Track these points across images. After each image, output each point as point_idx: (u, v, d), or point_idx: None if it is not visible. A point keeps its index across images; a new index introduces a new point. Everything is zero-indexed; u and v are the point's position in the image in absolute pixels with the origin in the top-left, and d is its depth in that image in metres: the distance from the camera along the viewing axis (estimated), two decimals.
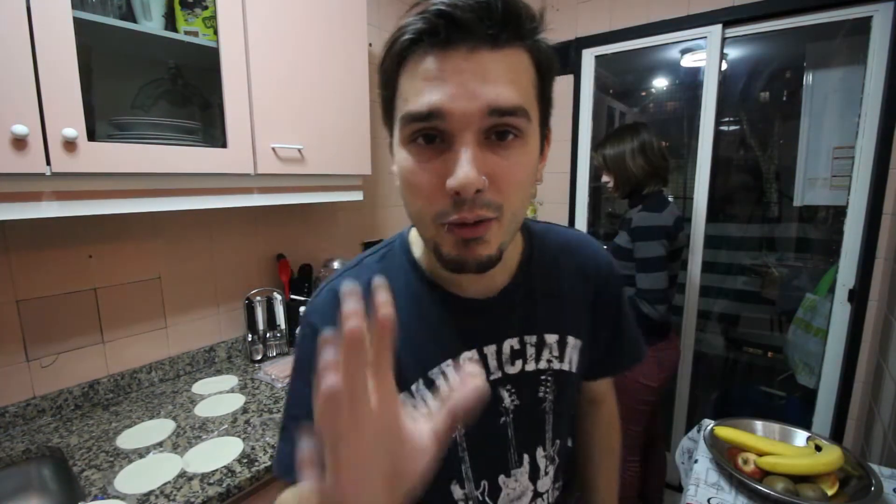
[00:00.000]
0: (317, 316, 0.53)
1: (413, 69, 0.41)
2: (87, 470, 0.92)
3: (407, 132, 0.42)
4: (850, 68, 1.80)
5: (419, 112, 0.40)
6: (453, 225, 0.42)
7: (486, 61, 0.39)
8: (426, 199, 0.42)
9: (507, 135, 0.41)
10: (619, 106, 2.69)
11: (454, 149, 0.40)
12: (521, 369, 0.55)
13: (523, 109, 0.41)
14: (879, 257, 1.58)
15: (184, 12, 1.06)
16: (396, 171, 0.46)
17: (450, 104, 0.39)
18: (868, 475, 0.90)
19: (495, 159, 0.41)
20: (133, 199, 0.98)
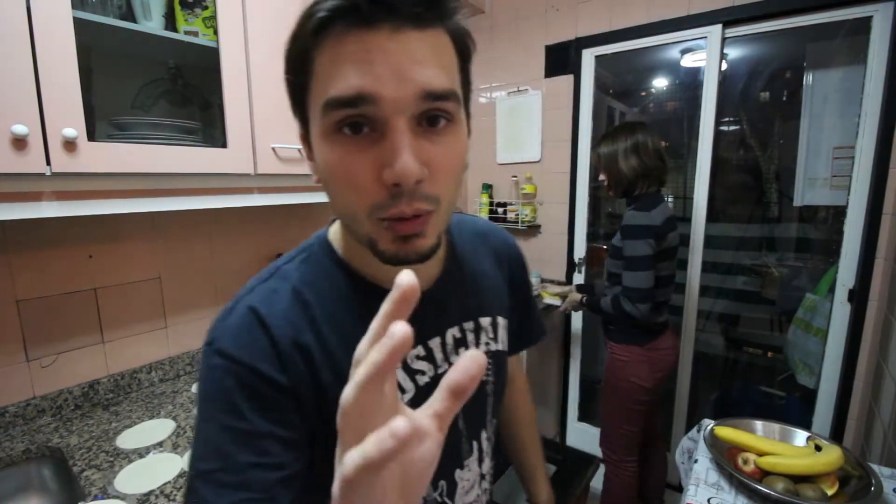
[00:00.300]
0: (231, 341, 0.43)
1: (332, 50, 0.37)
2: (87, 470, 0.92)
3: (331, 121, 0.37)
4: (850, 68, 1.80)
5: (346, 96, 0.36)
6: (391, 220, 0.39)
7: (413, 42, 0.36)
8: (359, 192, 0.38)
9: (438, 120, 0.38)
10: (619, 106, 2.69)
11: (387, 137, 0.36)
12: None
13: (455, 93, 0.39)
14: (879, 257, 1.58)
15: (184, 12, 1.06)
16: (319, 166, 0.42)
17: (380, 88, 0.35)
18: (868, 475, 0.90)
19: (430, 147, 0.38)
20: (133, 199, 0.98)
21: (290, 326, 0.44)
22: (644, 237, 1.45)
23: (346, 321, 0.46)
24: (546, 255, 2.35)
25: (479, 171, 2.51)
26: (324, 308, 0.46)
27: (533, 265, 2.39)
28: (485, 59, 2.40)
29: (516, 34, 2.27)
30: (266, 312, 0.44)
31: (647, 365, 1.57)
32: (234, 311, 0.46)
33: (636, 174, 1.55)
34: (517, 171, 2.35)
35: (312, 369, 0.44)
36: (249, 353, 0.42)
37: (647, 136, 1.57)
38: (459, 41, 0.41)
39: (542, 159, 2.27)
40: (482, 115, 2.46)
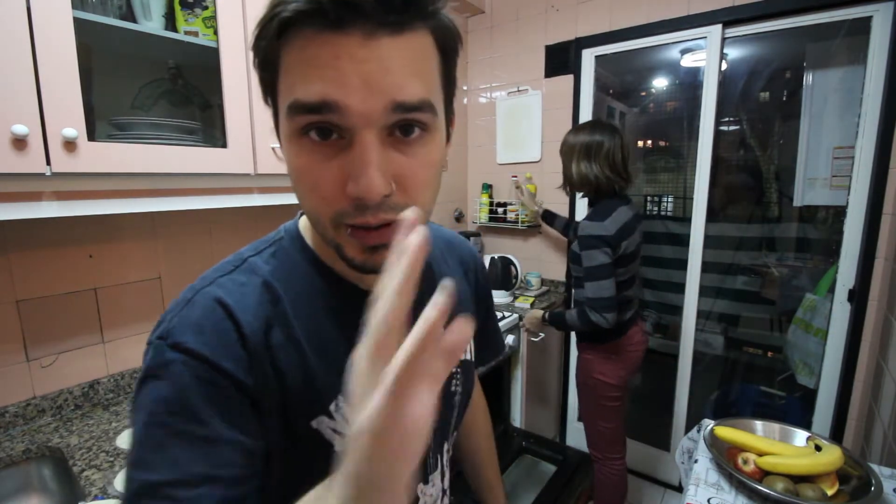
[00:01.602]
0: (192, 335, 0.39)
1: (299, 50, 0.34)
2: (87, 470, 0.92)
3: (296, 125, 0.35)
4: (850, 68, 1.80)
5: (309, 102, 0.34)
6: (356, 229, 0.37)
7: (387, 49, 0.33)
8: (323, 199, 0.37)
9: (411, 130, 0.36)
10: (619, 106, 2.69)
11: (354, 147, 0.35)
12: None
13: (429, 103, 0.36)
14: (879, 257, 1.58)
15: (184, 12, 1.06)
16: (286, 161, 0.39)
17: (346, 98, 0.33)
18: (868, 475, 0.90)
19: (401, 159, 0.36)
20: (133, 199, 0.98)
21: (261, 323, 0.40)
22: (598, 247, 1.44)
23: (320, 319, 0.44)
24: (546, 255, 2.35)
25: (479, 171, 2.51)
26: (296, 304, 0.43)
27: (533, 265, 2.39)
28: (485, 59, 2.40)
29: (516, 34, 2.28)
30: (235, 306, 0.40)
31: (611, 363, 1.58)
32: (194, 303, 0.42)
33: (582, 179, 1.52)
34: (517, 171, 2.35)
35: (279, 371, 0.40)
36: (213, 348, 0.38)
37: (612, 139, 1.50)
38: (443, 40, 0.38)
39: (542, 159, 2.28)
40: (482, 115, 2.46)
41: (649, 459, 2.25)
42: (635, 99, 2.78)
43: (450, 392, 0.54)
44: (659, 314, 2.70)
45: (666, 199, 2.80)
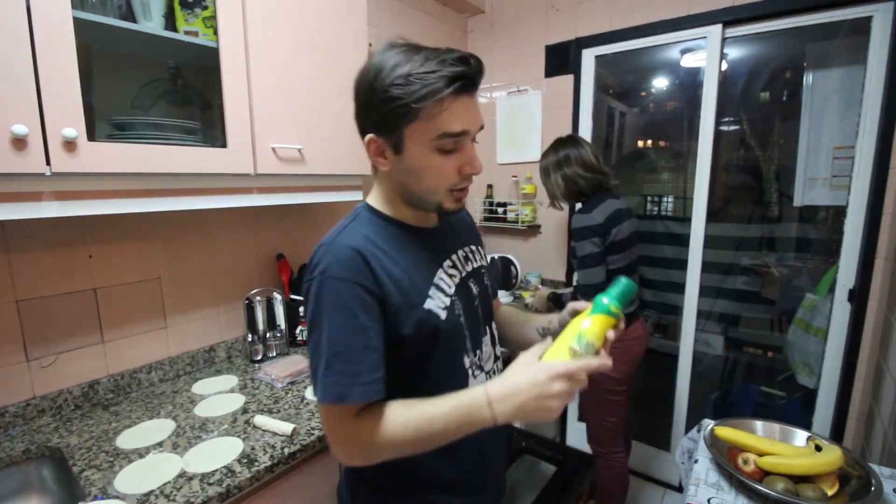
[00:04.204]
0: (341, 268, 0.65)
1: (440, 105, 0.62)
2: (87, 470, 0.92)
3: (441, 143, 0.65)
4: (850, 68, 1.80)
5: (455, 132, 0.65)
6: (457, 191, 0.71)
7: (476, 100, 0.68)
8: (446, 179, 0.68)
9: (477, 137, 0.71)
10: (619, 106, 2.69)
11: (464, 150, 0.68)
12: (473, 268, 0.82)
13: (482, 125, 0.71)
14: (879, 257, 1.58)
15: (184, 12, 1.06)
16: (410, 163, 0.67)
17: (469, 127, 0.67)
18: (868, 475, 0.90)
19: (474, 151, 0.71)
20: (133, 199, 0.98)
21: (374, 257, 0.68)
22: (587, 237, 1.56)
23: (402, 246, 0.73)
24: (546, 255, 2.35)
25: None
26: (386, 242, 0.71)
27: (533, 265, 2.39)
28: (485, 59, 2.38)
29: (516, 34, 2.28)
30: (361, 248, 0.67)
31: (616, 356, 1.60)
32: (335, 248, 0.67)
33: (566, 189, 1.67)
34: (517, 171, 2.35)
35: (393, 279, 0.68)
36: (356, 274, 0.65)
37: (576, 149, 1.66)
38: None
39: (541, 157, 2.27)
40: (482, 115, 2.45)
41: (649, 459, 2.25)
42: (635, 99, 2.78)
43: (485, 285, 0.85)
44: (659, 314, 2.70)
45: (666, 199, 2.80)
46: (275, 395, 1.25)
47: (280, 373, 1.34)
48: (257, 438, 1.03)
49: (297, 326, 1.58)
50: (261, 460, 0.96)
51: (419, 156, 0.66)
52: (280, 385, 1.30)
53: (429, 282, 0.72)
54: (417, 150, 0.66)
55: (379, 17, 1.84)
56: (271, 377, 1.33)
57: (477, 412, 0.61)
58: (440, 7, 2.22)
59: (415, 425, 0.62)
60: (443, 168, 0.67)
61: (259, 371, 1.39)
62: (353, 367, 0.63)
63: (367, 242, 0.68)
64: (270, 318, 1.51)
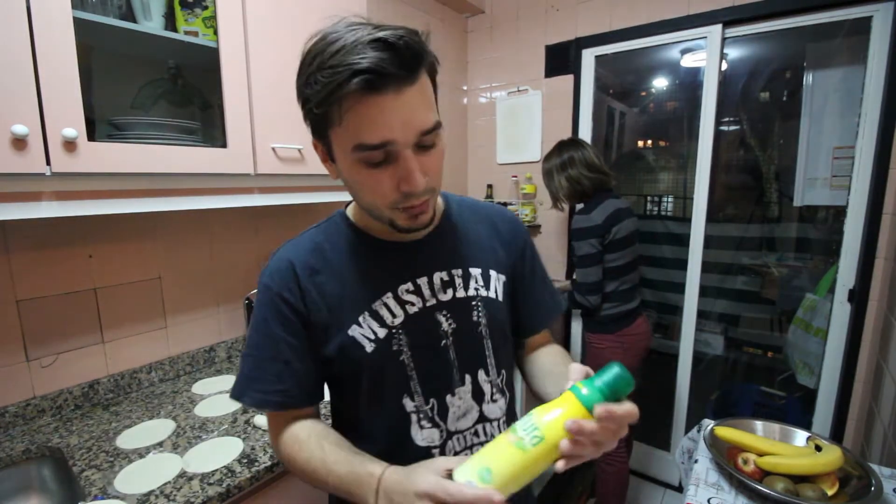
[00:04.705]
0: (269, 277, 0.65)
1: (354, 110, 0.50)
2: (87, 470, 0.92)
3: (359, 156, 0.53)
4: (850, 68, 1.80)
5: (371, 143, 0.51)
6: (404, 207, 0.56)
7: (410, 96, 0.51)
8: (382, 196, 0.55)
9: (430, 141, 0.55)
10: (619, 106, 2.69)
11: (400, 162, 0.53)
12: (452, 297, 0.67)
13: (438, 123, 0.55)
14: (879, 257, 1.58)
15: (184, 12, 1.06)
16: (344, 176, 0.58)
17: (394, 135, 0.51)
18: (868, 475, 0.90)
19: (426, 159, 0.55)
20: (133, 199, 0.98)
21: (308, 270, 0.64)
22: (586, 238, 1.62)
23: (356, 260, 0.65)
24: (546, 254, 2.35)
25: (479, 171, 2.51)
26: (337, 253, 0.66)
27: None
28: (485, 60, 2.40)
29: (516, 34, 2.28)
30: (296, 260, 0.65)
31: (621, 351, 1.67)
32: (277, 256, 0.67)
33: (570, 190, 1.71)
34: (517, 171, 2.35)
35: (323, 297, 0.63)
36: (280, 286, 0.64)
37: (579, 151, 1.71)
38: (431, 70, 0.55)
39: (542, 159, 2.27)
40: (482, 115, 2.46)
41: (649, 459, 2.25)
42: (635, 99, 2.78)
43: (472, 322, 0.67)
44: (659, 314, 2.70)
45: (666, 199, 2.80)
46: None
47: None
48: (257, 438, 1.03)
49: None
50: (261, 460, 0.96)
51: (347, 167, 0.56)
52: None
53: (366, 305, 0.63)
54: (344, 161, 0.55)
55: (379, 17, 1.84)
56: None
57: (364, 495, 0.54)
58: (440, 7, 2.22)
59: (312, 467, 0.60)
60: (374, 184, 0.54)
61: None
62: (254, 373, 0.64)
63: (310, 254, 0.65)
64: None
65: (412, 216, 0.57)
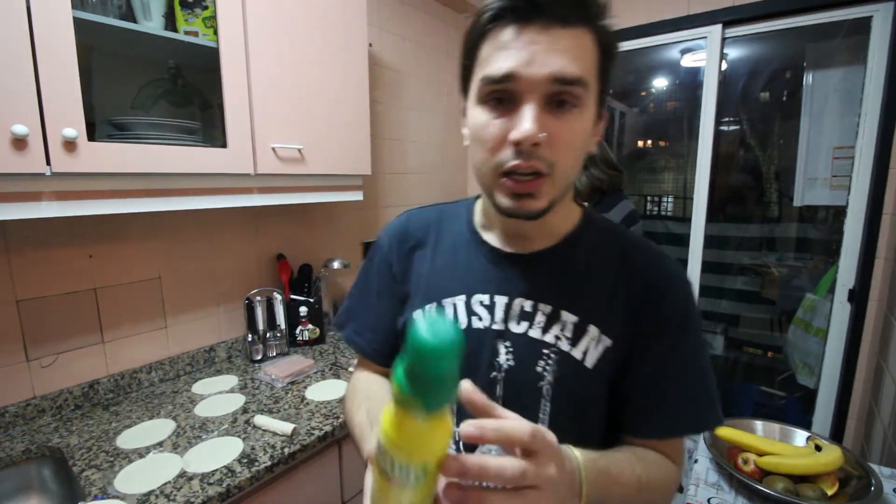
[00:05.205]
0: (386, 237, 0.68)
1: (493, 40, 0.47)
2: (87, 470, 0.92)
3: (483, 93, 0.48)
4: (850, 68, 1.80)
5: (496, 75, 0.46)
6: (509, 177, 0.47)
7: (557, 36, 0.45)
8: (490, 150, 0.48)
9: (566, 104, 0.46)
10: (619, 106, 2.69)
11: (520, 108, 0.46)
12: (524, 331, 0.55)
13: (584, 81, 0.46)
14: (879, 257, 1.58)
15: (184, 12, 1.06)
16: (468, 131, 0.52)
17: (521, 69, 0.44)
18: (868, 475, 0.90)
19: (554, 121, 0.46)
20: (133, 199, 0.98)
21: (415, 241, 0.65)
22: None
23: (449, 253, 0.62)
24: None
25: None
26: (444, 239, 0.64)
27: None
28: None
29: None
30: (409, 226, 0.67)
31: None
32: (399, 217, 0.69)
33: (589, 188, 1.66)
34: None
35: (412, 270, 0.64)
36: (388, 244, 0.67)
37: (600, 149, 1.65)
38: (604, 42, 0.49)
39: None
40: None
41: None
42: (635, 99, 2.78)
43: (534, 371, 0.54)
44: None
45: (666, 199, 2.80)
46: (275, 395, 1.25)
47: (280, 373, 1.34)
48: (257, 438, 1.03)
49: (298, 326, 1.58)
50: (261, 460, 0.96)
51: (470, 113, 0.51)
52: (280, 385, 1.30)
53: (437, 297, 0.59)
54: (471, 106, 0.51)
55: (379, 17, 1.84)
56: (271, 377, 1.33)
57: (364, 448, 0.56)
58: (440, 7, 2.22)
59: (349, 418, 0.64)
60: (485, 134, 0.48)
61: (259, 371, 1.39)
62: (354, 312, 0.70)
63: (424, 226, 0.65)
64: (270, 318, 1.51)
65: (514, 195, 0.48)
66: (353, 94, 1.42)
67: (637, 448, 0.54)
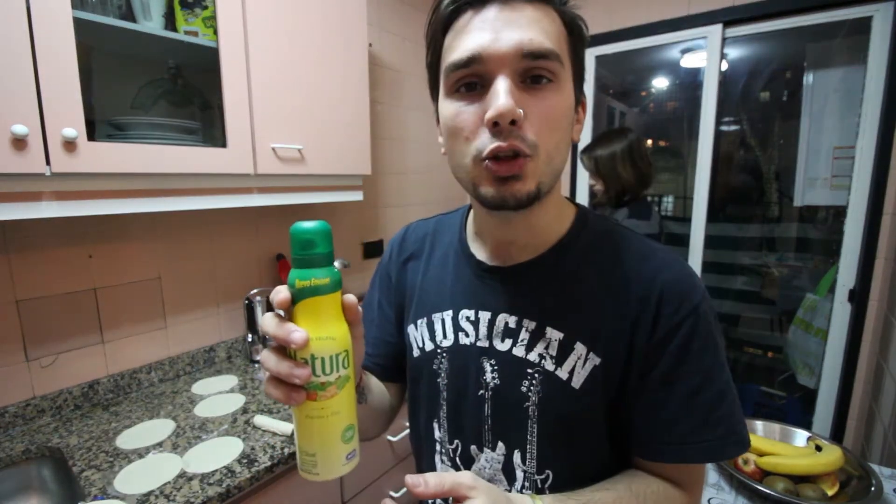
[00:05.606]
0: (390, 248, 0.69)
1: (454, 28, 0.45)
2: (87, 470, 0.92)
3: (450, 82, 0.45)
4: (850, 68, 1.80)
5: (460, 60, 0.43)
6: (491, 161, 0.43)
7: (518, 10, 0.42)
8: (466, 138, 0.45)
9: (541, 79, 0.43)
10: (619, 106, 2.69)
11: (491, 88, 0.42)
12: (508, 349, 0.52)
13: (555, 53, 0.43)
14: (879, 257, 1.58)
15: (184, 12, 1.06)
16: (441, 129, 0.49)
17: (486, 48, 0.42)
18: (868, 475, 0.90)
19: (530, 99, 0.43)
20: (133, 199, 0.98)
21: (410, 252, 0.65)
22: None
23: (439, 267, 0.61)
24: None
25: None
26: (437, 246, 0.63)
27: None
28: None
29: None
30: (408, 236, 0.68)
31: None
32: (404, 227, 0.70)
33: (633, 180, 1.58)
34: None
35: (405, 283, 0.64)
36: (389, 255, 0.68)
37: (640, 141, 1.60)
38: (570, 22, 0.46)
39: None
40: None
41: None
42: (635, 99, 2.78)
43: (519, 391, 0.51)
44: None
45: (666, 199, 2.80)
46: None
47: None
48: (257, 438, 1.03)
49: None
50: (261, 460, 0.96)
51: (441, 109, 0.48)
52: None
53: (427, 312, 0.59)
54: (441, 102, 0.48)
55: (379, 17, 1.84)
56: None
57: None
58: None
59: None
60: (459, 123, 0.44)
61: (259, 371, 1.39)
62: None
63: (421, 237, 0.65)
64: None
65: (498, 179, 0.43)
66: (353, 94, 1.42)
67: (638, 479, 0.51)
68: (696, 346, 0.47)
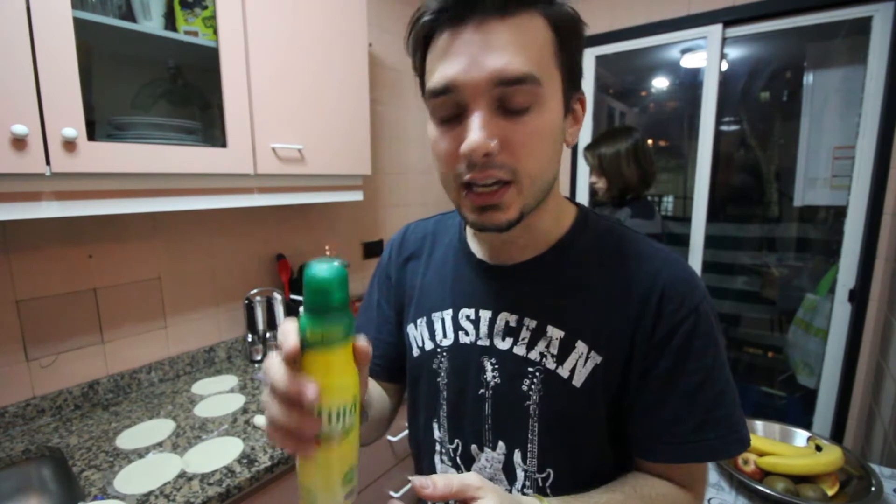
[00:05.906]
0: (388, 248, 0.69)
1: (434, 49, 0.44)
2: (87, 470, 0.92)
3: (431, 107, 0.45)
4: (850, 68, 1.80)
5: (436, 88, 0.43)
6: (470, 189, 0.44)
7: (494, 31, 0.40)
8: (447, 164, 0.45)
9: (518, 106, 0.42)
10: (619, 106, 2.68)
11: (468, 117, 0.42)
12: (509, 348, 0.53)
13: (532, 77, 0.41)
14: (879, 257, 1.58)
15: (184, 12, 1.06)
16: None
17: (460, 77, 0.41)
18: (868, 475, 0.90)
19: (508, 125, 0.42)
20: (133, 199, 0.98)
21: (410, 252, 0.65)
22: None
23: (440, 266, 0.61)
24: None
25: None
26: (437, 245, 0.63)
27: None
28: None
29: None
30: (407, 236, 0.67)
31: None
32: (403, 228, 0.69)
33: (637, 179, 1.58)
34: None
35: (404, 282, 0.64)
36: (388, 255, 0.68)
37: (644, 140, 1.60)
38: (556, 21, 0.43)
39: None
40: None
41: None
42: (635, 99, 2.77)
43: (520, 391, 0.52)
44: None
45: (666, 199, 2.80)
46: None
47: None
48: (257, 438, 1.03)
49: None
50: (261, 460, 0.95)
51: (428, 131, 0.48)
52: None
53: (427, 311, 0.60)
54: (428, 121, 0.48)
55: (379, 17, 1.84)
56: None
57: None
58: None
59: None
60: (440, 149, 0.45)
61: (259, 371, 1.39)
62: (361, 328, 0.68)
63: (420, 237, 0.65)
64: (270, 319, 1.51)
65: (477, 208, 0.44)
66: (354, 94, 1.42)
67: (641, 481, 0.51)
68: (696, 345, 0.47)
